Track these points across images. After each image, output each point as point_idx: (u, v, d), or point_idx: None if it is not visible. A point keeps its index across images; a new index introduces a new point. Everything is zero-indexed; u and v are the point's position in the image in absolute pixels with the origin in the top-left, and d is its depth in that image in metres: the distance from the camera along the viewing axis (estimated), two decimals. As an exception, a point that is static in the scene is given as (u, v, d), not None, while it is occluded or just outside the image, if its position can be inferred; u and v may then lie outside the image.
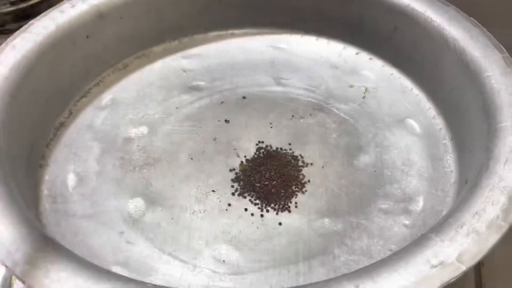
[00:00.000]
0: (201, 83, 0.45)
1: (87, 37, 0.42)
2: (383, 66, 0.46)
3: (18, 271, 0.26)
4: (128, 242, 0.34)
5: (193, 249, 0.34)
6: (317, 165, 0.39)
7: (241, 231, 0.35)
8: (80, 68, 0.42)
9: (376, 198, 0.37)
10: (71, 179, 0.38)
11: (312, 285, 0.26)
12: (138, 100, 0.44)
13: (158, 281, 0.32)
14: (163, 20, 0.46)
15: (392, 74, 0.45)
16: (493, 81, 0.34)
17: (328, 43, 0.48)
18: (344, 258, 0.33)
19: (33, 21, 0.39)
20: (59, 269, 0.26)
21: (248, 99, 0.44)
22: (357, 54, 0.47)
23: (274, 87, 0.45)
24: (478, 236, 0.26)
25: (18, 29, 0.39)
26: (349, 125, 0.42)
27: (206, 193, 0.37)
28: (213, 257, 0.34)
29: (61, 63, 0.40)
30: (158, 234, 0.35)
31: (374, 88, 0.44)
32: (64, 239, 0.34)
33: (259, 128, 0.41)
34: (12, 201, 0.30)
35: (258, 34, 0.49)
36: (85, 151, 0.40)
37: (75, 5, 0.41)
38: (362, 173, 0.38)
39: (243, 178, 0.38)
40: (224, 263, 0.33)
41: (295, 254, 0.34)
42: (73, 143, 0.40)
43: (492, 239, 0.26)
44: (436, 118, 0.41)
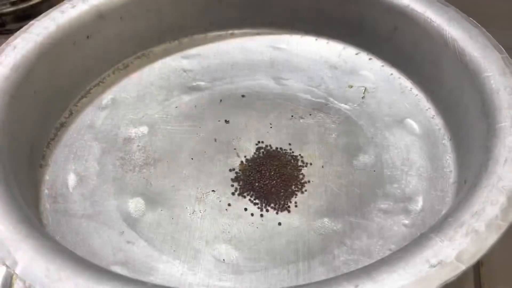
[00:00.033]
0: (201, 83, 0.45)
1: (87, 37, 0.42)
2: (383, 66, 0.46)
3: (18, 270, 0.26)
4: (128, 242, 0.35)
5: (193, 249, 0.34)
6: (316, 165, 0.39)
7: (241, 231, 0.35)
8: (80, 68, 0.42)
9: (375, 198, 0.37)
10: (72, 179, 0.38)
11: (311, 285, 0.26)
12: (138, 100, 0.44)
13: (158, 280, 0.32)
14: (163, 20, 0.46)
15: (391, 74, 0.45)
16: (492, 82, 0.34)
17: (327, 43, 0.48)
18: (343, 257, 0.33)
19: (33, 21, 0.39)
20: (59, 269, 0.26)
21: (248, 99, 0.44)
22: (356, 54, 0.47)
23: (274, 87, 0.45)
24: (477, 235, 0.26)
25: (18, 30, 0.39)
26: (348, 125, 0.42)
27: (206, 193, 0.37)
28: (213, 257, 0.34)
29: (62, 63, 0.40)
30: (158, 234, 0.35)
31: (373, 88, 0.44)
32: (64, 238, 0.34)
33: (259, 128, 0.42)
34: (12, 200, 0.30)
35: (258, 34, 0.49)
36: (85, 151, 0.40)
37: (75, 5, 0.41)
38: (361, 173, 0.38)
39: (243, 178, 0.38)
40: (224, 262, 0.33)
41: (295, 253, 0.34)
42: (73, 143, 0.40)
43: (491, 239, 0.26)
44: (435, 118, 0.41)
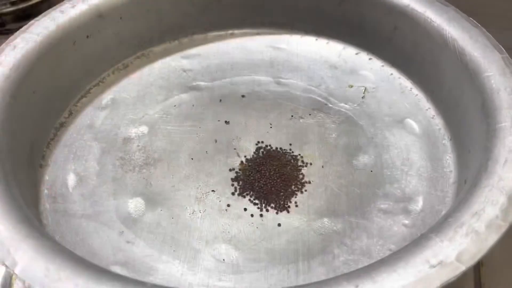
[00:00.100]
0: (201, 83, 0.45)
1: (87, 37, 0.42)
2: (383, 66, 0.46)
3: (18, 270, 0.26)
4: (128, 242, 0.35)
5: (193, 249, 0.34)
6: (316, 165, 0.39)
7: (240, 231, 0.35)
8: (80, 68, 0.42)
9: (375, 198, 0.37)
10: (71, 179, 0.38)
11: (311, 285, 0.26)
12: (138, 100, 0.44)
13: (157, 281, 0.32)
14: (163, 20, 0.46)
15: (391, 74, 0.45)
16: (492, 81, 0.34)
17: (327, 43, 0.48)
18: (343, 257, 0.33)
19: (33, 21, 0.39)
20: (59, 269, 0.26)
21: (248, 99, 0.44)
22: (356, 54, 0.47)
23: (274, 87, 0.45)
24: (477, 236, 0.26)
25: (18, 29, 0.39)
26: (348, 125, 0.42)
27: (206, 193, 0.37)
28: (213, 257, 0.34)
29: (61, 63, 0.40)
30: (158, 234, 0.35)
31: (373, 88, 0.44)
32: (64, 238, 0.34)
33: (259, 128, 0.42)
34: (12, 200, 0.30)
35: (257, 34, 0.49)
36: (85, 151, 0.40)
37: (75, 5, 0.41)
38: (361, 173, 0.38)
39: (243, 178, 0.38)
40: (223, 262, 0.33)
41: (295, 253, 0.34)
42: (73, 143, 0.40)
43: (491, 239, 0.26)
44: (435, 118, 0.41)
